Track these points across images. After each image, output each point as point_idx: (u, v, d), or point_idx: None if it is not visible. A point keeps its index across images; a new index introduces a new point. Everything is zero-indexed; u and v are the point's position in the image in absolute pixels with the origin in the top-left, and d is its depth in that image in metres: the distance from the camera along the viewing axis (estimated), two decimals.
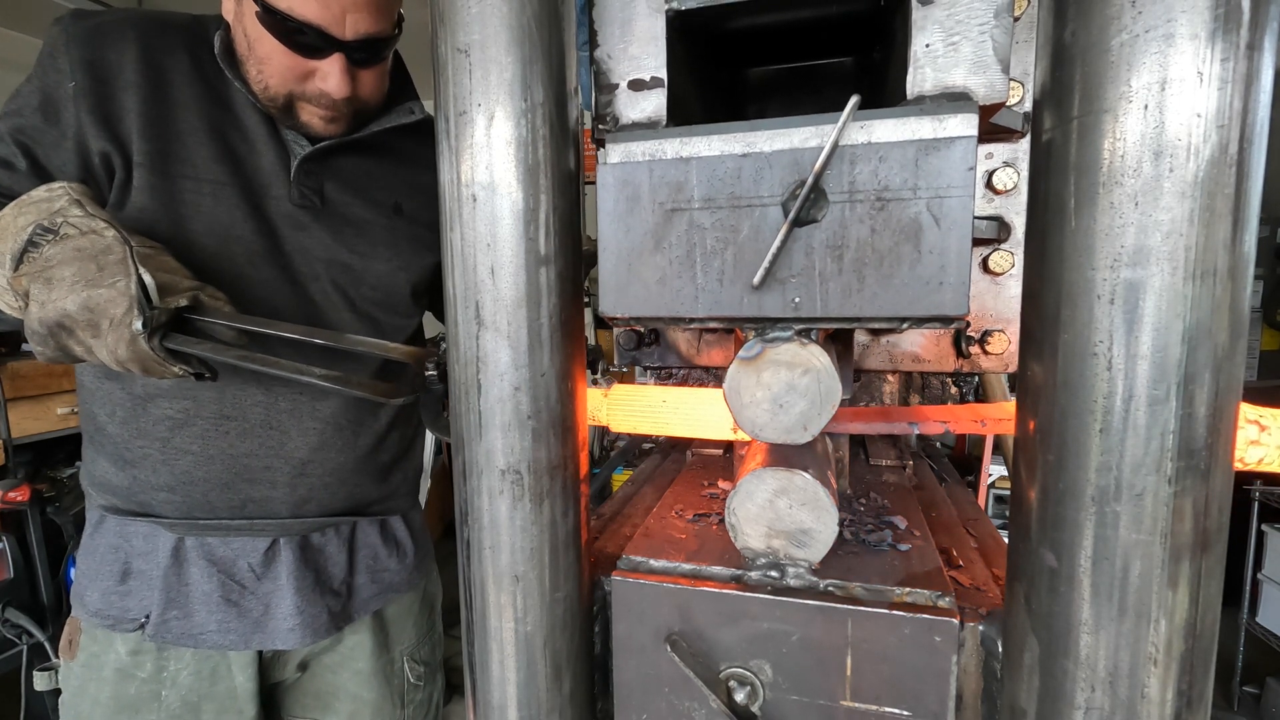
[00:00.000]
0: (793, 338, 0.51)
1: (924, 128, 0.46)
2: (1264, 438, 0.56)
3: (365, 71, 0.99)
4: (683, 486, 0.85)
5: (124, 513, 1.06)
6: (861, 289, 0.47)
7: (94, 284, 0.76)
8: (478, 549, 0.57)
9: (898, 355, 0.80)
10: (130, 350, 0.77)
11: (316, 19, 0.88)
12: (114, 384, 1.02)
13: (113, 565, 1.06)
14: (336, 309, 1.07)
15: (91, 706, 1.07)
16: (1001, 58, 0.46)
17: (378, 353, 0.79)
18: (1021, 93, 0.65)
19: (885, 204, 0.46)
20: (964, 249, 0.45)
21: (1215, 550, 0.41)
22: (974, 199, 0.45)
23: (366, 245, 1.09)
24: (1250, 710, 3.10)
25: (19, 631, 2.62)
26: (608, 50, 0.56)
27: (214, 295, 0.84)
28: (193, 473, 1.02)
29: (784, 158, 0.48)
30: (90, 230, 0.80)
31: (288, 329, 0.79)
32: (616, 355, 0.93)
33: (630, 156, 0.53)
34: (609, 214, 0.53)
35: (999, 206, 0.72)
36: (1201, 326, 0.38)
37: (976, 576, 0.63)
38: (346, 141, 1.04)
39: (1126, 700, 0.42)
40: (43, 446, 2.86)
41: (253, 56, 0.95)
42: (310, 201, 1.04)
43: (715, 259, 0.51)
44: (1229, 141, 0.37)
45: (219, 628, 1.05)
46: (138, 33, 0.96)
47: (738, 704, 0.56)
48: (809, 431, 0.51)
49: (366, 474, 1.14)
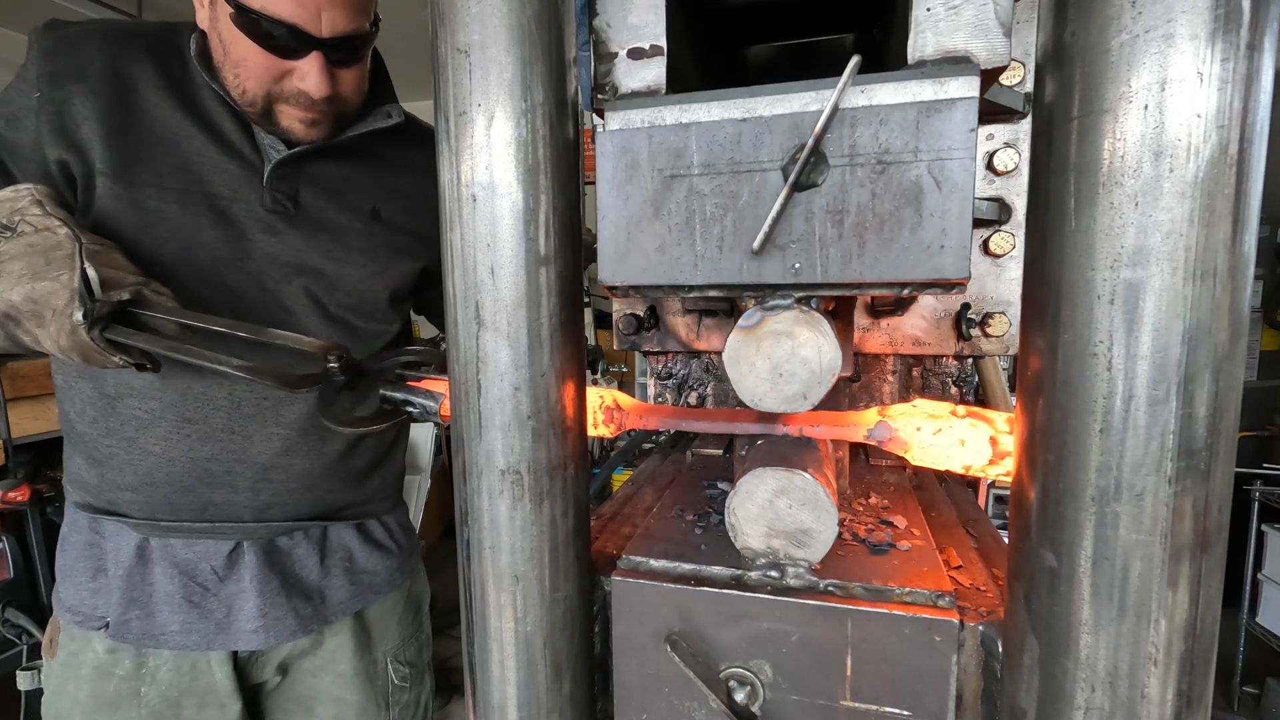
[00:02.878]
0: (793, 305, 0.50)
1: (925, 90, 0.46)
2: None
3: (344, 71, 0.98)
4: (683, 486, 0.85)
5: (95, 510, 1.06)
6: (862, 254, 0.47)
7: (40, 277, 0.80)
8: (478, 549, 0.57)
9: (898, 338, 0.79)
10: (71, 339, 0.80)
11: (292, 17, 0.88)
12: (86, 383, 1.02)
13: (86, 562, 1.07)
14: (307, 314, 1.06)
15: (71, 705, 1.07)
16: (1003, 20, 0.46)
17: (292, 345, 0.82)
18: (1022, 73, 0.64)
19: (886, 167, 0.46)
20: (965, 211, 0.45)
21: (1215, 550, 0.41)
22: (975, 161, 0.45)
23: (341, 251, 1.08)
24: (1250, 710, 3.10)
25: (19, 631, 2.62)
26: (607, 19, 0.55)
27: (158, 291, 0.86)
28: (154, 474, 1.02)
29: (784, 122, 0.48)
30: (45, 228, 0.83)
31: (218, 323, 0.82)
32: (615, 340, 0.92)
33: (629, 123, 0.52)
34: (608, 182, 0.52)
35: (1000, 188, 0.72)
36: (1201, 326, 0.38)
37: (976, 576, 0.63)
38: (323, 146, 1.04)
39: (1126, 700, 0.42)
40: (43, 446, 2.86)
41: (229, 60, 0.95)
42: (283, 207, 1.03)
43: (715, 225, 0.50)
44: (1229, 142, 0.36)
45: (181, 628, 1.05)
46: (102, 42, 0.97)
47: (738, 704, 0.56)
48: (809, 400, 0.50)
49: (337, 479, 1.14)
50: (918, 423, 0.60)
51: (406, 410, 0.80)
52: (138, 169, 0.96)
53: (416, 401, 0.79)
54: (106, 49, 0.97)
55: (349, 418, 0.80)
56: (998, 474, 0.59)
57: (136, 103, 0.97)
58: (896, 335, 0.79)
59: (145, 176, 0.96)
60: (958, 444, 0.59)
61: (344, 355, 0.81)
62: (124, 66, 0.97)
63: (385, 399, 0.81)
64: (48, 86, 0.94)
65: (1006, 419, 0.59)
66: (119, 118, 0.96)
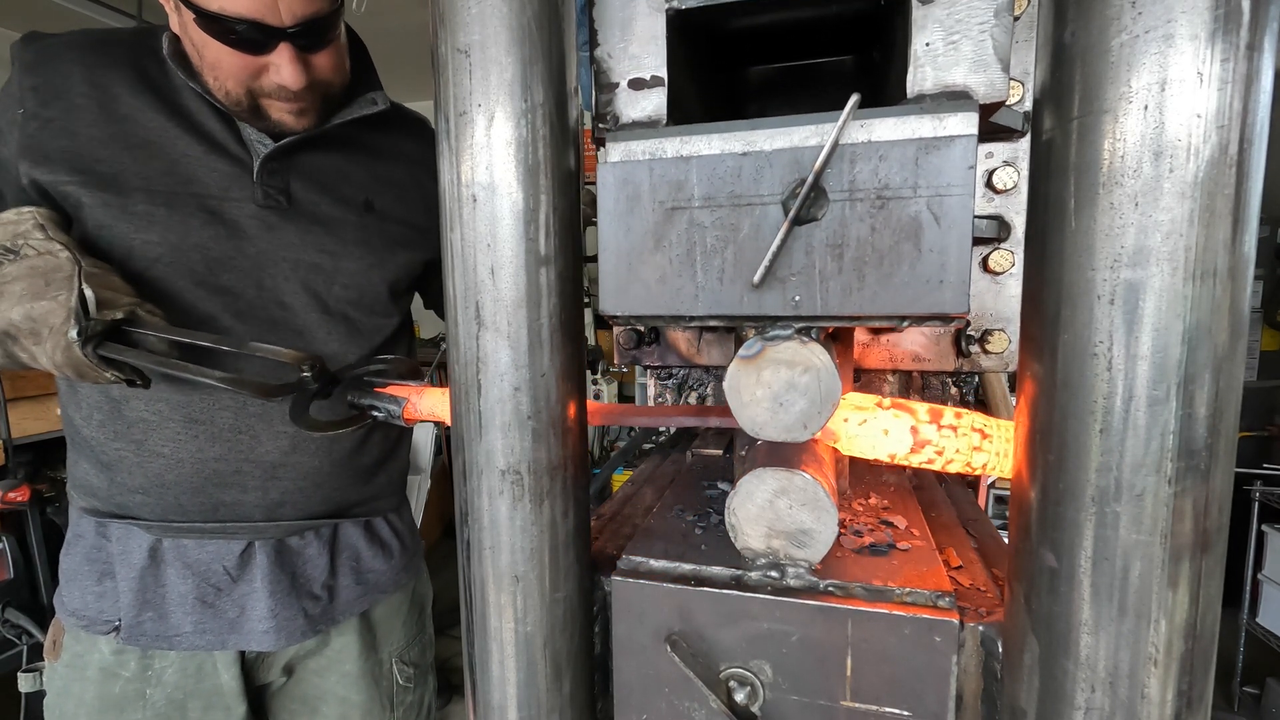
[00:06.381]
0: (793, 336, 0.51)
1: (924, 126, 0.46)
2: (985, 444, 0.59)
3: (317, 56, 0.98)
4: (683, 486, 0.85)
5: (103, 514, 1.06)
6: (862, 287, 0.47)
7: (39, 297, 0.83)
8: (478, 549, 0.57)
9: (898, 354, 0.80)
10: (65, 356, 0.83)
11: (250, 13, 0.88)
12: (91, 388, 1.02)
13: (92, 566, 1.07)
14: (306, 310, 1.06)
15: (76, 707, 1.07)
16: (1002, 56, 0.46)
17: (271, 357, 0.87)
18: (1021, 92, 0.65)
19: (885, 202, 0.46)
20: (964, 247, 0.45)
21: (1215, 550, 0.41)
22: (974, 198, 0.45)
23: (337, 244, 1.08)
24: (1250, 710, 3.10)
25: (19, 631, 2.62)
26: (608, 49, 0.56)
27: (151, 311, 0.89)
28: (164, 475, 1.02)
29: (784, 156, 0.48)
30: (46, 251, 0.87)
31: (204, 338, 0.88)
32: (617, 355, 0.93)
33: (630, 155, 0.53)
34: (609, 213, 0.53)
35: (999, 206, 0.72)
36: (1201, 327, 0.38)
37: (976, 576, 0.63)
38: (311, 137, 1.03)
39: (1126, 700, 0.42)
40: (43, 446, 2.86)
41: (205, 64, 0.95)
42: (276, 201, 1.03)
43: (715, 258, 0.51)
44: (1229, 142, 0.36)
45: (195, 628, 1.05)
46: (79, 53, 0.98)
47: (738, 704, 0.56)
48: (809, 430, 0.51)
49: (346, 476, 1.14)
50: (845, 414, 0.61)
51: (372, 414, 0.84)
52: (125, 176, 0.96)
53: (381, 405, 0.83)
54: (83, 59, 0.97)
55: (316, 422, 0.86)
56: (920, 461, 0.60)
57: (118, 110, 0.97)
58: (896, 351, 0.80)
59: (133, 182, 0.96)
60: (881, 434, 0.60)
61: (317, 364, 0.86)
62: (101, 76, 0.97)
63: (352, 404, 0.86)
64: (31, 101, 0.95)
65: (928, 409, 0.60)
66: (101, 128, 0.96)
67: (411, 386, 0.82)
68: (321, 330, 1.06)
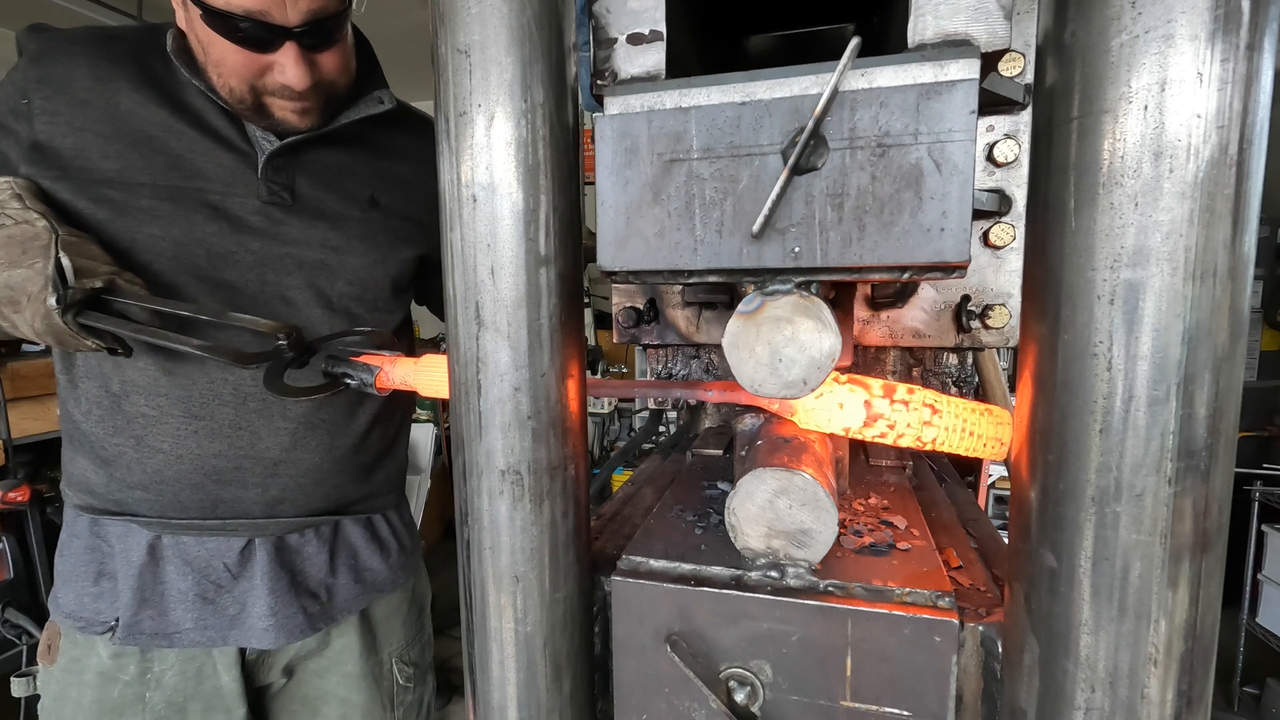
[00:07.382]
0: (793, 291, 0.50)
1: (925, 72, 0.46)
2: (935, 420, 0.59)
3: (323, 55, 0.97)
4: (683, 486, 0.85)
5: (101, 512, 1.06)
6: (862, 237, 0.47)
7: (16, 265, 0.84)
8: (478, 549, 0.57)
9: (898, 330, 0.79)
10: (45, 323, 0.84)
11: (257, 8, 0.88)
12: (91, 382, 1.02)
13: (88, 566, 1.06)
14: (310, 305, 1.06)
15: (74, 711, 1.06)
16: (1003, 4, 0.46)
17: (249, 326, 0.88)
18: (1023, 64, 0.64)
19: (886, 150, 0.46)
20: (965, 194, 0.45)
21: (1215, 550, 0.41)
22: (975, 143, 0.45)
23: (341, 240, 1.08)
24: (1250, 710, 3.10)
25: (19, 631, 2.62)
26: (607, 4, 0.55)
27: (130, 280, 0.90)
28: (164, 472, 1.02)
29: (784, 105, 0.48)
30: (24, 220, 0.87)
31: (184, 307, 0.89)
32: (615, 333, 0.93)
33: (628, 108, 0.52)
34: (607, 167, 0.52)
35: (1000, 179, 0.71)
36: (1201, 327, 0.38)
37: (976, 577, 0.63)
38: (316, 135, 1.03)
39: (1126, 701, 0.42)
40: (43, 446, 2.87)
41: (210, 61, 0.95)
42: (280, 198, 1.03)
43: (714, 210, 0.50)
44: (1229, 142, 0.36)
45: (195, 625, 1.05)
46: (84, 46, 0.98)
47: (738, 704, 0.56)
48: (808, 386, 0.50)
49: (346, 473, 1.14)
50: None
51: (345, 381, 0.85)
52: (129, 171, 0.96)
53: (355, 374, 0.83)
54: (89, 54, 0.97)
55: (289, 388, 0.86)
56: (873, 435, 0.60)
57: (121, 104, 0.97)
58: (896, 327, 0.79)
59: (136, 177, 0.96)
60: (837, 407, 0.61)
61: (293, 334, 0.87)
62: (105, 70, 0.97)
63: (325, 372, 0.86)
64: (38, 94, 0.95)
65: (882, 384, 0.60)
66: (106, 122, 0.96)
67: (385, 356, 0.82)
68: (324, 326, 1.06)
